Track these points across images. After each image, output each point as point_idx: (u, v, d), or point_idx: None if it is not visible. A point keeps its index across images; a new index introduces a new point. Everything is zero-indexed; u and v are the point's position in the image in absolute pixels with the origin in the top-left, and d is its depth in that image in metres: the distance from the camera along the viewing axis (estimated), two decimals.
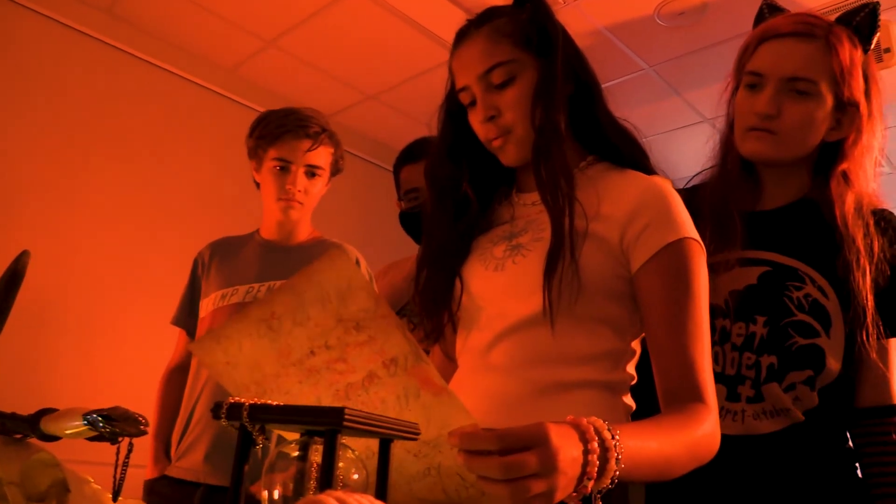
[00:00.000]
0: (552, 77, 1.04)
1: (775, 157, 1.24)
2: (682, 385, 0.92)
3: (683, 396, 0.92)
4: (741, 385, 1.19)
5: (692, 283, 0.97)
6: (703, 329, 0.96)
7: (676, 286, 0.97)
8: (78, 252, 2.82)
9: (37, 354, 2.63)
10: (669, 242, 0.97)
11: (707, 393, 0.92)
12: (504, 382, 1.00)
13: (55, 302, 2.74)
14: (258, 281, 1.78)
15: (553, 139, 1.02)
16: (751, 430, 1.17)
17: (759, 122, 1.22)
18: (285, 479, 0.59)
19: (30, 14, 2.81)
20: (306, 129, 1.77)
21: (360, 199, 3.68)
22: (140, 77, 3.13)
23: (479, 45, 1.05)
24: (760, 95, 1.22)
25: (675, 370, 0.93)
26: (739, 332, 1.21)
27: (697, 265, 0.98)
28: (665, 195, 1.02)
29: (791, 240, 1.24)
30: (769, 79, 1.21)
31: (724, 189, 1.28)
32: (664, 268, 0.98)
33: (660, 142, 3.84)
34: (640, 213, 1.00)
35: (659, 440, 0.81)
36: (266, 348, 0.68)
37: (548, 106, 1.02)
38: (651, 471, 0.79)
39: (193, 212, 3.13)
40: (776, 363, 1.18)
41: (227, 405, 0.58)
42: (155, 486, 1.71)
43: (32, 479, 0.83)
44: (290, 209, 1.81)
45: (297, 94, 3.54)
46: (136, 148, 3.07)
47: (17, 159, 2.73)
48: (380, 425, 0.59)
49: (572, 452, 0.66)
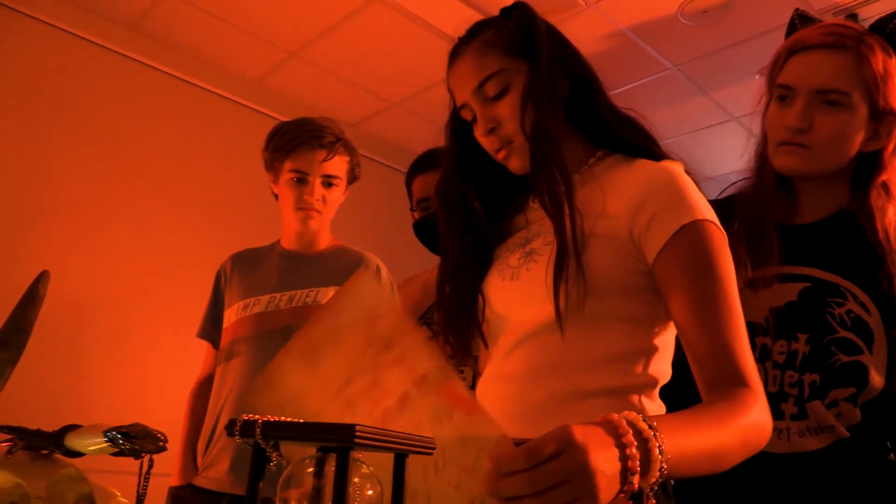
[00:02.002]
0: (539, 80, 1.02)
1: (808, 171, 1.21)
2: (722, 372, 0.87)
3: (726, 383, 0.86)
4: (784, 402, 1.18)
5: (715, 265, 0.92)
6: (734, 312, 0.91)
7: (698, 270, 0.92)
8: (105, 268, 2.87)
9: (66, 370, 2.68)
10: (683, 225, 0.93)
11: (751, 376, 0.87)
12: (518, 391, 0.99)
13: (83, 318, 2.79)
14: (279, 290, 1.79)
15: (545, 142, 1.01)
16: (797, 447, 1.15)
17: (790, 136, 1.20)
18: (300, 495, 0.59)
19: (56, 32, 2.87)
20: (321, 139, 1.78)
21: (385, 205, 3.69)
22: (166, 91, 3.18)
23: (469, 61, 1.06)
24: (791, 109, 1.19)
25: (712, 358, 0.89)
26: (781, 350, 1.19)
27: (718, 246, 0.93)
28: (673, 178, 0.98)
29: (831, 254, 1.21)
30: (799, 92, 1.19)
31: (759, 203, 1.26)
32: (681, 253, 0.93)
33: (687, 142, 3.80)
34: (648, 201, 0.96)
35: (704, 427, 0.77)
36: (308, 384, 0.68)
37: (539, 109, 1.01)
38: (701, 460, 0.76)
39: (222, 224, 3.17)
40: (819, 381, 1.16)
41: (241, 423, 0.58)
42: (179, 493, 1.73)
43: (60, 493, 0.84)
44: (308, 219, 1.82)
45: (322, 104, 3.57)
46: (163, 162, 3.12)
47: (46, 176, 2.79)
48: (392, 440, 0.59)
49: (605, 450, 0.62)
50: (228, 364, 1.76)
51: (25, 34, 2.79)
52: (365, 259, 1.84)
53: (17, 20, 2.77)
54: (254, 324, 1.76)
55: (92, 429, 0.80)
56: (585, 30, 2.92)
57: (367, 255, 1.86)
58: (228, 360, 1.77)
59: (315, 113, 2.36)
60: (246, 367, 1.72)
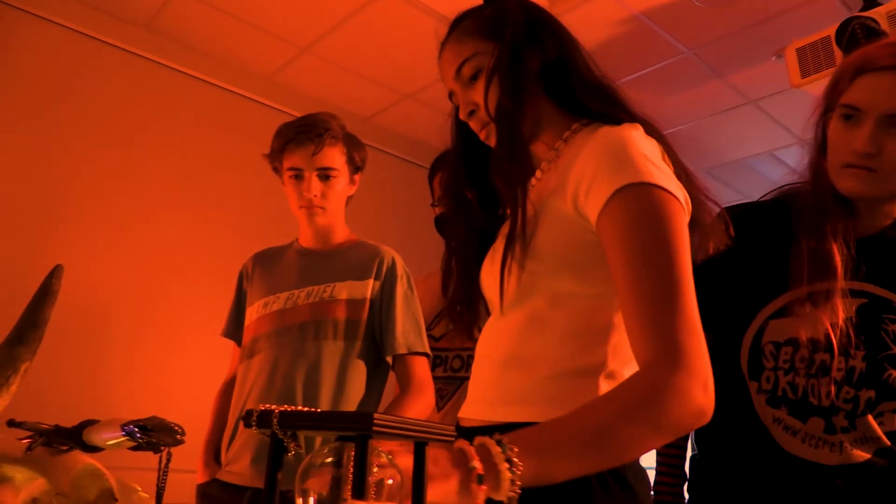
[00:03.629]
0: (501, 58, 1.03)
1: (874, 194, 1.20)
2: (646, 343, 0.81)
3: (649, 354, 0.81)
4: (835, 416, 1.19)
5: (654, 230, 0.85)
6: (670, 279, 0.83)
7: (634, 234, 0.86)
8: (124, 265, 2.89)
9: (85, 367, 2.71)
10: (619, 188, 0.87)
11: (675, 346, 0.79)
12: (494, 375, 1.02)
13: (102, 316, 2.81)
14: (298, 287, 1.81)
15: (505, 121, 1.01)
16: (849, 459, 1.17)
17: (857, 159, 1.18)
18: (319, 485, 0.59)
19: (69, 33, 2.89)
20: (308, 134, 1.79)
21: (401, 199, 3.69)
22: (180, 89, 3.19)
23: (448, 50, 1.10)
24: (859, 132, 1.17)
25: (637, 328, 0.83)
26: (840, 366, 1.20)
27: (661, 211, 0.86)
28: (618, 140, 0.92)
29: (885, 270, 1.21)
30: (868, 115, 1.16)
31: (818, 217, 1.23)
32: (618, 216, 0.87)
33: (704, 126, 3.76)
34: (587, 165, 0.92)
35: (577, 430, 0.76)
36: None
37: (501, 88, 1.02)
38: (575, 464, 0.75)
39: (238, 221, 3.18)
40: (874, 397, 1.18)
41: (257, 413, 0.58)
42: (206, 489, 1.75)
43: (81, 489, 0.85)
44: (312, 216, 1.83)
45: (335, 99, 3.57)
46: (178, 159, 3.13)
47: (63, 176, 2.81)
48: (411, 428, 0.58)
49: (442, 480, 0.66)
50: (250, 361, 1.78)
51: (38, 36, 2.80)
52: (381, 252, 1.84)
53: (30, 22, 2.78)
54: (273, 321, 1.78)
55: (110, 423, 0.80)
56: (599, 15, 2.89)
57: (383, 248, 1.86)
58: (250, 357, 1.79)
59: (328, 107, 2.36)
60: (266, 364, 1.73)
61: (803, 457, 1.18)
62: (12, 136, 2.70)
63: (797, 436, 1.19)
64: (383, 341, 1.76)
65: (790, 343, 1.23)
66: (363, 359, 1.75)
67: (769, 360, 1.25)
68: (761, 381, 1.25)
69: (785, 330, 1.24)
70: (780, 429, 1.21)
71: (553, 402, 0.94)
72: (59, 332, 2.51)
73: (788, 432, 1.20)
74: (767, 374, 1.25)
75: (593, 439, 0.76)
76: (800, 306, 1.21)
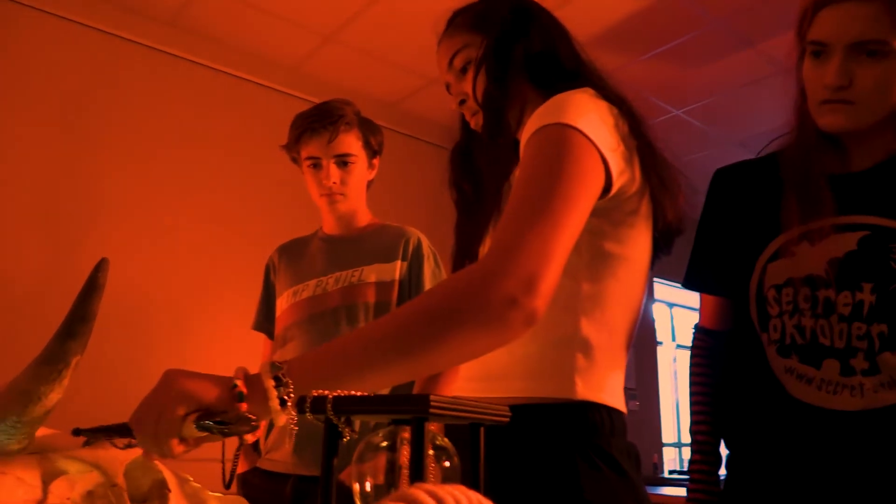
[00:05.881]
0: (488, 49, 1.08)
1: (855, 126, 1.17)
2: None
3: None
4: (853, 358, 1.13)
5: (547, 162, 0.85)
6: (540, 208, 0.80)
7: (526, 168, 0.86)
8: (163, 262, 2.93)
9: (129, 363, 2.74)
10: (535, 130, 0.89)
11: (497, 249, 0.78)
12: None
13: (144, 313, 2.85)
14: (325, 274, 1.82)
15: (489, 109, 1.07)
16: (873, 403, 1.11)
17: (831, 94, 1.15)
18: (375, 469, 0.58)
19: (95, 33, 2.92)
20: (322, 122, 1.79)
21: (429, 183, 3.66)
22: (208, 84, 3.21)
23: (443, 45, 1.17)
24: (828, 66, 1.14)
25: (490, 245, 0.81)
26: (846, 301, 1.15)
27: (564, 146, 0.86)
28: (553, 99, 0.93)
29: (888, 200, 1.16)
30: (834, 47, 1.13)
31: (805, 156, 1.22)
32: (524, 156, 0.89)
33: (736, 97, 3.68)
34: (529, 122, 0.93)
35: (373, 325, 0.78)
36: None
37: (487, 77, 1.07)
38: (366, 361, 0.75)
39: (273, 212, 3.19)
40: (887, 331, 1.12)
41: (311, 399, 0.57)
42: (248, 478, 1.77)
43: (135, 480, 0.85)
44: (333, 203, 1.84)
45: (361, 86, 3.56)
46: (212, 154, 3.15)
47: (100, 176, 2.85)
48: (468, 409, 0.57)
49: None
50: (284, 349, 1.80)
51: (65, 37, 2.83)
52: (406, 233, 1.85)
53: (57, 24, 2.81)
54: (304, 309, 1.79)
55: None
56: None
57: (407, 229, 1.87)
58: (283, 346, 1.80)
59: (354, 95, 2.35)
60: (300, 350, 1.75)
61: (822, 405, 1.13)
62: (48, 134, 2.74)
63: (812, 383, 1.15)
64: None
65: (790, 283, 1.19)
66: None
67: (773, 306, 1.21)
68: (769, 330, 1.21)
69: (782, 271, 1.21)
70: (794, 379, 1.17)
71: (531, 375, 0.96)
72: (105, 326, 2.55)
73: (802, 381, 1.16)
74: (774, 322, 1.21)
75: (389, 343, 0.75)
76: (794, 246, 1.18)
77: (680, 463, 5.48)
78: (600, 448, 0.93)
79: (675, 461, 5.45)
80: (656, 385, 5.18)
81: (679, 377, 5.68)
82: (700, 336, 1.39)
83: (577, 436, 0.93)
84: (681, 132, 4.05)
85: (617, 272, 0.99)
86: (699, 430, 1.33)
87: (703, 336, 1.39)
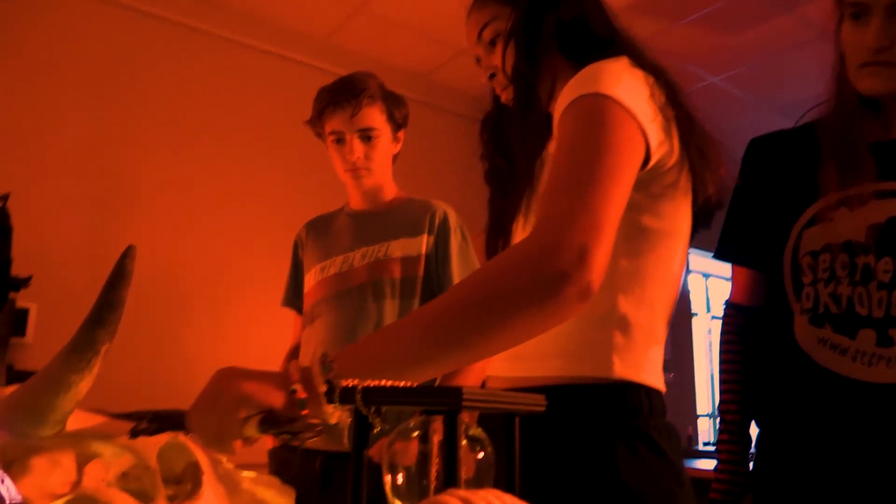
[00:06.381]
0: (517, 21, 1.05)
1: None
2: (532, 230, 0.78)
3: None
4: (892, 328, 1.09)
5: (587, 134, 0.83)
6: (583, 180, 0.79)
7: (565, 141, 0.84)
8: (196, 242, 2.95)
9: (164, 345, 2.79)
10: (571, 101, 0.87)
11: (545, 224, 0.76)
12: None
13: (178, 293, 2.88)
14: (352, 249, 1.81)
15: (520, 83, 1.04)
16: None
17: (871, 56, 1.11)
18: (407, 460, 0.57)
19: (128, 11, 2.92)
20: (344, 96, 1.77)
21: (462, 155, 3.62)
22: (237, 59, 3.20)
23: (472, 17, 1.14)
24: (868, 27, 1.10)
25: (537, 219, 0.79)
26: (886, 268, 1.11)
27: (603, 117, 0.83)
28: (587, 69, 0.90)
29: None
30: (875, 8, 1.09)
31: (844, 122, 1.18)
32: (561, 128, 0.87)
33: (776, 63, 3.57)
34: (563, 93, 0.90)
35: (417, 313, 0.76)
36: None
37: (519, 50, 1.04)
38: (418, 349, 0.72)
39: (305, 188, 3.18)
40: None
41: (339, 388, 0.56)
42: (278, 454, 1.78)
43: (168, 461, 0.85)
44: (358, 178, 1.82)
45: (390, 57, 3.52)
46: (242, 131, 3.16)
47: (132, 157, 2.87)
48: (501, 401, 0.55)
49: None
50: (312, 325, 1.80)
51: (96, 17, 2.84)
52: (432, 206, 1.83)
53: (90, 3, 2.82)
54: (331, 285, 1.79)
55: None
56: None
57: (434, 202, 1.84)
58: (312, 322, 1.80)
59: (384, 66, 2.31)
60: (328, 327, 1.75)
61: (856, 377, 1.10)
62: (83, 112, 2.76)
63: (846, 354, 1.11)
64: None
65: (827, 249, 1.16)
66: None
67: (807, 273, 1.17)
68: (802, 299, 1.18)
69: (819, 237, 1.17)
70: (827, 349, 1.13)
71: (567, 354, 0.94)
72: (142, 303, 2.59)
73: (836, 351, 1.12)
74: (807, 290, 1.17)
75: (443, 330, 0.72)
76: (832, 211, 1.15)
77: (714, 434, 5.44)
78: (639, 430, 0.91)
79: (710, 432, 5.41)
80: (691, 356, 5.13)
81: (714, 348, 5.61)
82: (731, 312, 1.35)
83: (615, 417, 0.92)
84: (718, 100, 3.95)
85: (655, 247, 0.96)
86: (728, 410, 1.30)
87: (733, 312, 1.35)
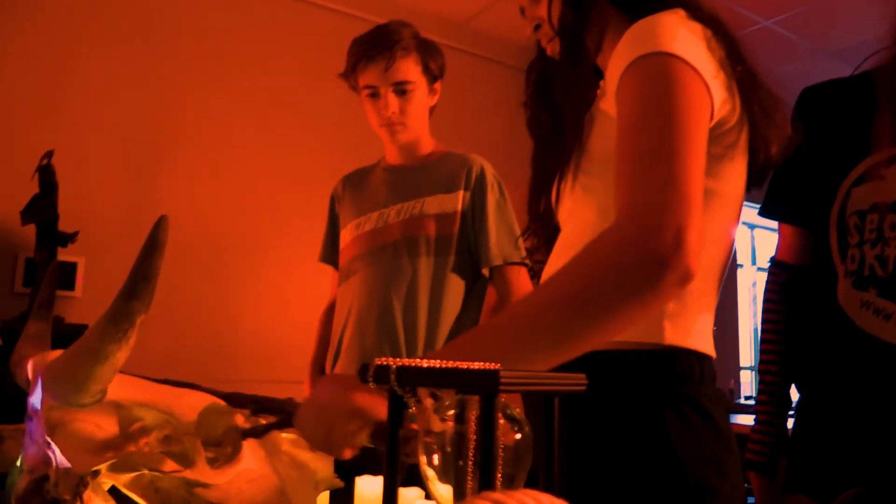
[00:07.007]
0: None
1: None
2: (617, 209, 0.76)
3: (613, 222, 0.75)
4: None
5: (657, 98, 0.79)
6: (661, 149, 0.76)
7: (634, 106, 0.81)
8: (235, 202, 2.98)
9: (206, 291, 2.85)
10: (631, 61, 0.82)
11: (635, 205, 0.73)
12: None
13: (220, 238, 2.92)
14: (387, 205, 1.79)
15: (567, 35, 0.99)
16: None
17: None
18: (443, 442, 0.56)
19: None
20: (378, 48, 1.72)
21: (504, 106, 3.56)
22: (273, 9, 3.18)
23: None
24: None
25: (616, 196, 0.77)
26: None
27: (671, 80, 0.80)
28: (643, 22, 0.86)
29: None
30: None
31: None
32: (625, 91, 0.83)
33: (831, 5, 3.40)
34: (616, 58, 0.87)
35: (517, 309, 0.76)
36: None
37: (565, 0, 0.99)
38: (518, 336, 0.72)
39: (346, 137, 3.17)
40: None
41: (374, 368, 0.55)
42: None
43: (208, 426, 0.86)
44: (394, 133, 1.78)
45: (427, 2, 3.43)
46: (284, 88, 3.15)
47: (177, 101, 2.88)
48: (540, 382, 0.54)
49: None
50: (347, 282, 1.80)
51: None
52: (469, 161, 1.79)
53: None
54: (366, 241, 1.78)
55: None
56: None
57: (471, 156, 1.81)
58: (347, 279, 1.80)
59: (420, 13, 2.25)
60: (363, 284, 1.74)
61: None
62: (123, 63, 2.78)
63: (891, 320, 1.06)
64: (478, 254, 1.73)
65: (875, 209, 1.10)
66: (460, 274, 1.73)
67: (854, 234, 1.12)
68: (847, 261, 1.13)
69: (867, 196, 1.11)
70: (870, 314, 1.08)
71: None
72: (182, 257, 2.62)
73: (880, 316, 1.08)
74: (852, 251, 1.12)
75: (544, 329, 0.71)
76: (884, 168, 1.08)
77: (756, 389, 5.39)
78: (688, 396, 0.89)
79: (752, 386, 5.37)
80: (735, 309, 5.06)
81: (758, 302, 5.52)
82: (775, 270, 1.31)
83: (665, 383, 0.90)
84: (770, 44, 3.79)
85: (712, 209, 0.91)
86: (768, 370, 1.28)
87: (778, 270, 1.30)
